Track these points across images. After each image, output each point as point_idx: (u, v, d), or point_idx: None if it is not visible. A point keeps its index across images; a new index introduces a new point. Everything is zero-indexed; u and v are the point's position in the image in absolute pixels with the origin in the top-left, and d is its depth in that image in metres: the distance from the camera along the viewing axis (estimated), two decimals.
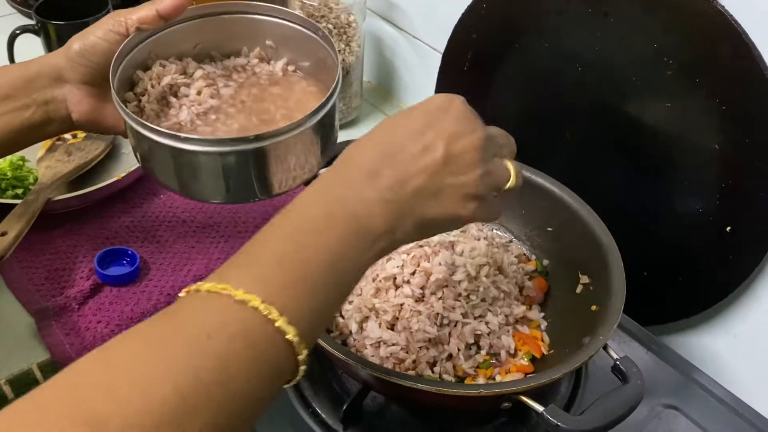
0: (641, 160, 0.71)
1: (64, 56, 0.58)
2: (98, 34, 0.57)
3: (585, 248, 0.66)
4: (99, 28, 0.58)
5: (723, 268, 0.68)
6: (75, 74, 0.58)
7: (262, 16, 0.64)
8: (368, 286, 0.64)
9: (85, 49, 0.57)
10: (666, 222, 0.71)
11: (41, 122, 0.59)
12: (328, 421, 0.59)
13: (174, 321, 0.35)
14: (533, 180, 0.70)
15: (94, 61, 0.58)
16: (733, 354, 0.73)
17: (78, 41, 0.58)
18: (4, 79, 0.57)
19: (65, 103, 0.59)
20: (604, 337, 0.54)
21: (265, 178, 0.55)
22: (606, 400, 0.51)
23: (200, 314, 0.35)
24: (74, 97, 0.59)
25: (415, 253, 0.65)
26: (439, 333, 0.61)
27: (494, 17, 0.79)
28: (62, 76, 0.58)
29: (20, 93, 0.57)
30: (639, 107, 0.69)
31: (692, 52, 0.64)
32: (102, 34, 0.57)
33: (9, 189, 0.81)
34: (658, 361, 0.67)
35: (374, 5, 1.01)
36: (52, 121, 0.60)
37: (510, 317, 0.64)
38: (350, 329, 0.62)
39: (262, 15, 0.64)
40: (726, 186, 0.65)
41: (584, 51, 0.72)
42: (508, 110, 0.84)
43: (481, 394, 0.51)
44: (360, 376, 0.55)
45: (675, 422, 0.62)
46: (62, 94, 0.59)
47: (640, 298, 0.64)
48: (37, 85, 0.58)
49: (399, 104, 1.08)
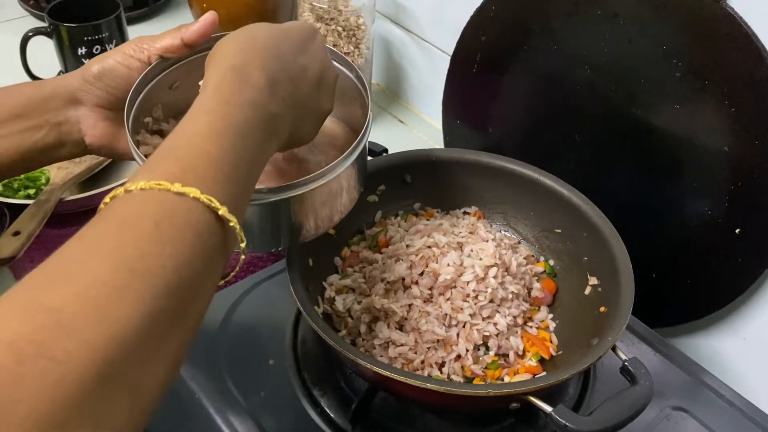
0: (650, 162, 0.71)
1: (81, 78, 0.56)
2: (117, 58, 0.56)
3: (593, 250, 0.66)
4: (119, 53, 0.56)
5: (732, 271, 0.68)
6: (91, 97, 0.56)
7: None
8: (377, 286, 0.64)
9: (103, 72, 0.55)
10: (675, 224, 0.71)
11: (53, 144, 0.56)
12: (336, 421, 0.60)
13: (117, 217, 0.35)
14: (542, 181, 0.70)
15: (112, 85, 0.56)
16: (742, 357, 0.73)
17: (97, 64, 0.56)
18: (16, 98, 0.55)
19: (78, 125, 0.57)
20: (612, 338, 0.54)
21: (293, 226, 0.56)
22: (615, 401, 0.51)
23: (145, 207, 0.35)
24: (88, 120, 0.57)
25: (423, 254, 0.65)
26: (448, 334, 0.61)
27: (503, 19, 0.80)
28: (77, 97, 0.56)
29: (33, 113, 0.55)
30: (648, 109, 0.70)
31: (701, 54, 0.64)
32: (121, 59, 0.56)
33: (21, 189, 0.82)
34: (666, 363, 0.67)
35: (383, 8, 1.01)
36: (65, 144, 0.57)
37: (518, 318, 0.64)
38: (359, 330, 0.62)
39: None
40: (735, 188, 0.65)
41: (593, 53, 0.72)
42: (517, 112, 0.84)
43: (489, 394, 0.51)
44: (368, 375, 0.55)
45: (684, 424, 0.62)
46: (76, 116, 0.57)
47: (649, 300, 0.64)
48: (51, 105, 0.56)
49: (408, 106, 1.08)
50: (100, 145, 0.58)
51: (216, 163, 0.38)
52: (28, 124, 0.55)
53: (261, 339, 0.66)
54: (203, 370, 0.63)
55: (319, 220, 0.56)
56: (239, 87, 0.43)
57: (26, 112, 0.55)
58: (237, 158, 0.40)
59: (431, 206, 0.75)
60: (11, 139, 0.54)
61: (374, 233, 0.72)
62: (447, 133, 0.93)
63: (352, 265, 0.69)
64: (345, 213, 0.59)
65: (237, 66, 0.45)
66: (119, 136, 0.58)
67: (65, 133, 0.57)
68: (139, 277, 0.32)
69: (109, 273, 0.31)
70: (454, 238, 0.67)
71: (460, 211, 0.75)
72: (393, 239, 0.70)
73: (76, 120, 0.57)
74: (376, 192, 0.73)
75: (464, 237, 0.69)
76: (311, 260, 0.64)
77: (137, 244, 0.33)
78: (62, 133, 0.56)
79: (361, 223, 0.73)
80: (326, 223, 0.58)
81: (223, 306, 0.69)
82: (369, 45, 0.95)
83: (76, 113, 0.57)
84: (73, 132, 0.57)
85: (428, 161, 0.73)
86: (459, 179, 0.74)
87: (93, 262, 0.32)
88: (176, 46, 0.56)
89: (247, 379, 0.63)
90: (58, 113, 0.56)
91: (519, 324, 0.64)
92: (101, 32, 0.95)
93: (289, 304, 0.68)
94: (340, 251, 0.71)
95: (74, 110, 0.56)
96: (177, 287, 0.33)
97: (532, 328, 0.65)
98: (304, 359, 0.65)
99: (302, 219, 0.55)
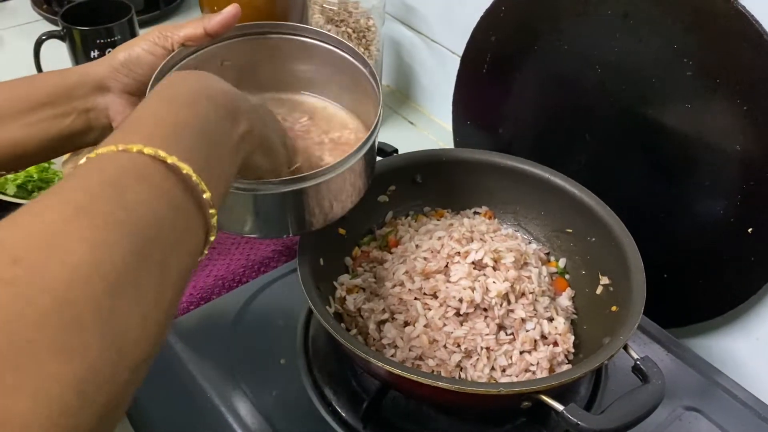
0: (661, 161, 0.71)
1: (108, 66, 0.58)
2: (143, 46, 0.58)
3: (605, 249, 0.66)
4: (144, 40, 0.58)
5: (744, 270, 0.68)
6: (118, 84, 0.58)
7: (307, 39, 0.64)
8: (387, 285, 0.64)
9: (130, 60, 0.58)
10: (686, 224, 0.71)
11: (81, 130, 0.59)
12: (348, 420, 0.60)
13: (73, 176, 0.34)
14: (552, 181, 0.70)
15: (139, 72, 0.58)
16: (755, 357, 0.72)
17: (123, 52, 0.58)
18: (42, 86, 0.57)
19: (107, 111, 0.59)
20: (624, 337, 0.54)
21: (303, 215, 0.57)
22: (626, 399, 0.51)
23: (94, 165, 0.35)
24: (116, 106, 0.59)
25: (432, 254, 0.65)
26: (460, 334, 0.61)
27: (513, 20, 0.80)
28: (105, 84, 0.58)
29: (59, 100, 0.57)
30: (659, 108, 0.69)
31: (712, 52, 0.63)
32: (147, 47, 0.58)
33: (35, 191, 0.83)
34: (679, 363, 0.67)
35: (393, 9, 1.02)
36: (93, 129, 0.59)
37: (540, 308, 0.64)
38: (369, 329, 0.63)
39: (308, 38, 0.64)
40: (747, 187, 0.65)
41: (603, 52, 0.72)
42: (528, 112, 0.84)
43: (501, 392, 0.51)
44: (380, 374, 0.55)
45: (696, 424, 0.62)
46: (104, 103, 0.59)
47: (661, 300, 0.64)
48: (78, 93, 0.58)
49: (417, 108, 1.08)
50: None
51: (165, 124, 0.39)
52: (56, 111, 0.57)
53: (272, 338, 0.67)
54: (215, 368, 0.63)
55: (327, 210, 0.58)
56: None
57: (52, 100, 0.56)
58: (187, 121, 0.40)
59: (442, 206, 0.75)
60: (39, 126, 0.56)
61: (384, 233, 0.72)
62: (457, 134, 0.93)
63: (363, 264, 0.69)
64: (352, 205, 0.60)
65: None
66: None
67: (93, 119, 0.59)
68: (85, 214, 0.31)
69: (57, 213, 0.31)
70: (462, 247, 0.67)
71: (471, 211, 0.75)
72: (402, 239, 0.70)
73: (104, 106, 0.59)
74: (387, 192, 0.73)
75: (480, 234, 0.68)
76: (322, 260, 0.64)
77: (85, 189, 0.33)
78: (90, 119, 0.59)
79: (372, 223, 0.73)
80: (338, 212, 0.59)
81: (234, 305, 0.69)
82: (379, 47, 0.95)
83: (104, 100, 0.59)
84: (101, 118, 0.59)
85: (439, 161, 0.73)
86: (469, 179, 0.74)
87: (44, 209, 0.32)
88: (198, 35, 0.58)
89: (258, 378, 0.63)
90: (86, 100, 0.58)
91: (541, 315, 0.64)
92: (113, 35, 0.96)
93: (300, 304, 0.68)
94: (350, 251, 0.71)
95: (102, 97, 0.58)
96: (133, 226, 0.32)
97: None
98: (316, 358, 0.65)
99: (311, 209, 0.57)
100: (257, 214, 0.57)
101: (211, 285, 0.75)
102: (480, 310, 0.61)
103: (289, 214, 0.57)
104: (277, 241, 0.81)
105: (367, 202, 0.62)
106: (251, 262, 0.79)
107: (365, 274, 0.68)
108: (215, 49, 0.62)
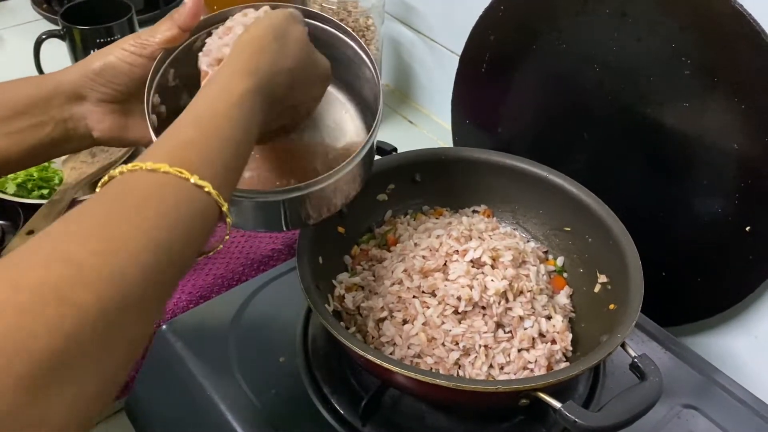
0: (659, 160, 0.71)
1: (81, 74, 0.56)
2: (118, 55, 0.56)
3: (603, 248, 0.66)
4: (119, 49, 0.56)
5: (742, 269, 0.68)
6: (95, 93, 0.56)
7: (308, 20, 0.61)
8: (386, 284, 0.65)
9: (105, 69, 0.55)
10: (684, 222, 0.71)
11: (60, 139, 0.56)
12: (347, 418, 0.60)
13: (135, 198, 0.39)
14: (551, 180, 0.70)
15: (115, 81, 0.56)
16: (753, 355, 0.72)
17: (98, 61, 0.56)
18: (17, 96, 0.55)
19: (84, 121, 0.57)
20: (622, 335, 0.54)
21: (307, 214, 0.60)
22: (624, 397, 0.51)
23: (164, 194, 0.40)
24: (94, 115, 0.57)
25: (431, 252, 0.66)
26: (459, 332, 0.61)
27: (512, 19, 0.80)
28: (80, 93, 0.56)
29: (35, 110, 0.55)
30: (657, 107, 0.70)
31: (710, 51, 0.64)
32: (122, 56, 0.56)
33: (35, 189, 0.83)
34: (677, 360, 0.67)
35: (392, 9, 1.02)
36: (71, 139, 0.57)
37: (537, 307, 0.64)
38: (368, 327, 0.63)
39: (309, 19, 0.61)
40: (745, 186, 0.65)
41: (602, 51, 0.72)
42: (526, 111, 0.84)
43: (498, 390, 0.51)
44: (378, 372, 0.56)
45: (694, 422, 0.62)
46: (80, 112, 0.56)
47: (659, 299, 0.64)
48: (54, 103, 0.55)
49: (417, 107, 1.08)
50: (109, 137, 0.58)
51: (194, 145, 0.43)
52: (32, 121, 0.55)
53: (271, 337, 0.67)
54: (214, 367, 0.63)
55: (323, 211, 0.59)
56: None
57: (29, 110, 0.54)
58: (216, 140, 0.44)
59: (441, 205, 0.76)
60: (17, 136, 0.54)
61: (383, 232, 0.72)
62: (456, 133, 0.93)
63: (362, 263, 0.70)
64: (355, 193, 0.61)
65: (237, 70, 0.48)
66: (127, 126, 0.58)
67: (71, 128, 0.57)
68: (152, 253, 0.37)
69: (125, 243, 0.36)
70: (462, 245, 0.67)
71: (470, 210, 0.75)
72: (401, 238, 0.70)
73: (81, 116, 0.57)
74: (386, 191, 0.73)
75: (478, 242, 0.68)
76: (321, 258, 0.64)
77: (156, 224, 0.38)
78: (68, 129, 0.56)
79: (371, 221, 0.73)
80: (338, 204, 0.61)
81: (233, 304, 0.70)
82: (378, 46, 0.96)
83: (81, 109, 0.56)
84: (79, 127, 0.57)
85: (438, 160, 0.73)
86: (468, 178, 0.74)
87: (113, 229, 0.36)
88: (176, 35, 0.56)
89: (257, 376, 0.63)
90: (62, 110, 0.56)
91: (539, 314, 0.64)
92: (113, 34, 0.96)
93: (300, 303, 0.68)
94: (349, 250, 0.71)
95: (78, 106, 0.56)
96: (166, 243, 0.38)
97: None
98: (315, 357, 0.65)
99: (307, 211, 0.59)
100: (256, 216, 0.58)
101: (210, 283, 0.76)
102: (478, 308, 0.61)
103: (287, 214, 0.57)
104: (276, 240, 0.81)
105: (366, 201, 0.62)
106: (250, 260, 0.79)
107: (364, 272, 0.68)
108: (195, 40, 0.59)
